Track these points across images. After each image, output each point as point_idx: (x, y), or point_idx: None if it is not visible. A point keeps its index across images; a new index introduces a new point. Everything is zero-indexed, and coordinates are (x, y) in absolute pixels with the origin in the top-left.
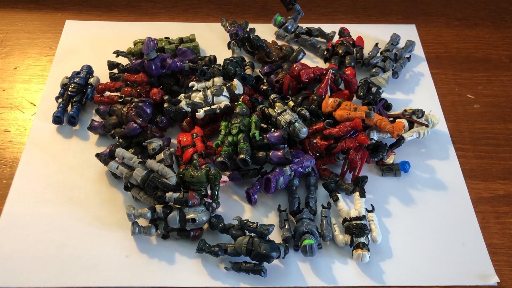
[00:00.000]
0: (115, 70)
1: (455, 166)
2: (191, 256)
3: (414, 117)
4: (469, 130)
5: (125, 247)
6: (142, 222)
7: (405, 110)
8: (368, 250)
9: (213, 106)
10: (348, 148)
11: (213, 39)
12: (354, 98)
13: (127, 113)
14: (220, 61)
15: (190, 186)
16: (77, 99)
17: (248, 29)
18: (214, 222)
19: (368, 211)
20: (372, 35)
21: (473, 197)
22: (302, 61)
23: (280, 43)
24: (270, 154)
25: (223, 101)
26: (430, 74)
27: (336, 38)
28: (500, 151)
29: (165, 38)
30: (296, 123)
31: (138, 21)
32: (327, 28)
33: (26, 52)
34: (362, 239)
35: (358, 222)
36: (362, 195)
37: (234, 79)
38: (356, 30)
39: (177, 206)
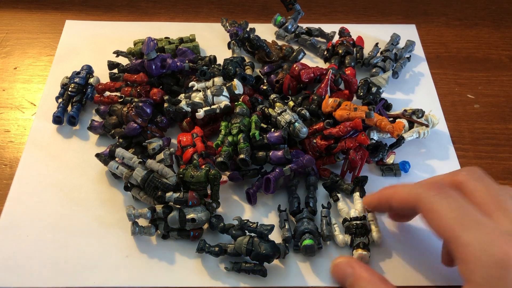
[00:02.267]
0: (115, 70)
1: (455, 166)
2: (191, 256)
3: (414, 117)
4: (469, 130)
5: (125, 247)
6: (142, 222)
7: (405, 110)
8: (369, 250)
9: (213, 106)
10: (348, 148)
11: (213, 39)
12: (354, 98)
13: (127, 113)
14: (220, 61)
15: (190, 186)
16: (77, 99)
17: (248, 29)
18: (214, 222)
19: (368, 211)
20: (372, 35)
21: None
22: (302, 61)
23: (280, 43)
24: (270, 154)
25: (223, 101)
26: (430, 74)
27: (336, 38)
28: (500, 151)
29: (165, 38)
30: (296, 123)
31: (138, 21)
32: (327, 28)
33: (26, 52)
34: (363, 239)
35: (358, 222)
36: (363, 195)
37: (234, 79)
38: (356, 30)
39: (177, 206)
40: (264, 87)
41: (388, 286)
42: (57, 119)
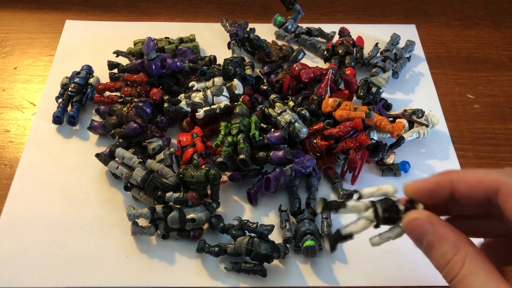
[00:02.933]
0: (115, 70)
1: (455, 166)
2: (191, 256)
3: (414, 117)
4: (469, 130)
5: (125, 247)
6: (142, 222)
7: (405, 110)
8: None
9: (213, 106)
10: (348, 148)
11: (213, 39)
12: (354, 98)
13: (127, 113)
14: (220, 61)
15: (190, 186)
16: (77, 99)
17: (248, 29)
18: (214, 222)
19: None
20: (372, 35)
21: None
22: (302, 61)
23: (280, 43)
24: (271, 154)
25: (223, 101)
26: (430, 74)
27: (336, 38)
28: (500, 151)
29: (165, 38)
30: (296, 123)
31: (138, 21)
32: (327, 28)
33: (26, 52)
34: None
35: (382, 207)
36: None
37: (234, 79)
38: (356, 30)
39: (177, 206)
40: (264, 87)
41: (476, 249)
42: (57, 119)
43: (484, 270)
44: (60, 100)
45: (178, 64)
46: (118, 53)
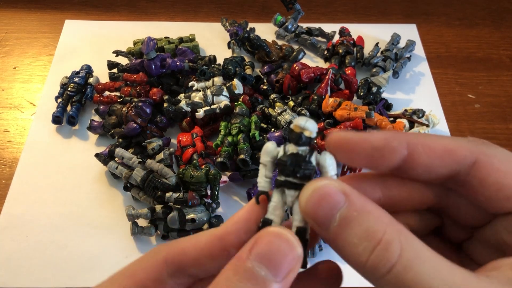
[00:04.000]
0: (115, 70)
1: None
2: None
3: (415, 117)
4: (470, 130)
5: (125, 247)
6: (142, 222)
7: (406, 110)
8: None
9: (213, 106)
10: None
11: (213, 39)
12: (355, 98)
13: (127, 113)
14: (220, 61)
15: (190, 186)
16: (77, 99)
17: (248, 29)
18: (214, 222)
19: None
20: (372, 34)
21: None
22: (302, 61)
23: (280, 42)
24: None
25: (223, 101)
26: (430, 74)
27: (336, 37)
28: None
29: (165, 37)
30: None
31: (138, 20)
32: (327, 27)
33: (25, 51)
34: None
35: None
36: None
37: (234, 79)
38: (356, 29)
39: (177, 206)
40: (264, 87)
41: (402, 224)
42: (56, 119)
43: (427, 251)
44: (59, 100)
45: (178, 63)
46: (117, 53)
